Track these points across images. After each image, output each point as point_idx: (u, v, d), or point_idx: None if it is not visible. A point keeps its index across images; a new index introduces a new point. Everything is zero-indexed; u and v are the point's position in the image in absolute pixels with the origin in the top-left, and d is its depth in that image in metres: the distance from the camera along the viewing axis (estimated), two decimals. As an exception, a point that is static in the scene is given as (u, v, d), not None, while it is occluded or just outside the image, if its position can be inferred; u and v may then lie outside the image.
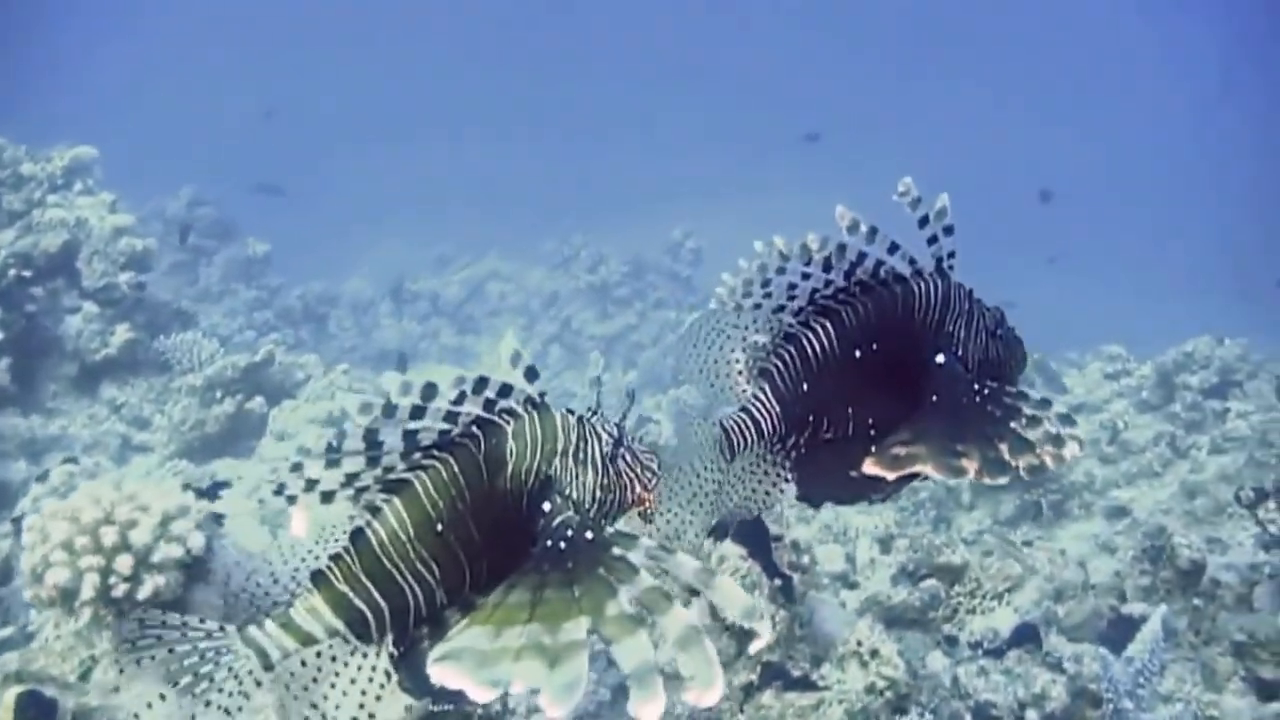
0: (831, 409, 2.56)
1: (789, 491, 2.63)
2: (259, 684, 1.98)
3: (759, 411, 2.57)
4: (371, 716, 2.03)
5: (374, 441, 1.89)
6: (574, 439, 2.06)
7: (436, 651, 1.77)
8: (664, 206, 24.49)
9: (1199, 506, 7.82)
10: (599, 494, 2.08)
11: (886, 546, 6.74)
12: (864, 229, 2.45)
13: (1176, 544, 6.05)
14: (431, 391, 1.89)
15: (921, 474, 2.36)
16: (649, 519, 2.17)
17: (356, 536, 2.00)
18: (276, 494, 1.91)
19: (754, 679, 4.51)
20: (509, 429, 2.01)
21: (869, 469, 2.42)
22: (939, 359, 2.53)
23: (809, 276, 2.49)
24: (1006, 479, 2.28)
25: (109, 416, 8.89)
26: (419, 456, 1.96)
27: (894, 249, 2.49)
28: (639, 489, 2.13)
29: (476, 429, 1.99)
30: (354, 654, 2.04)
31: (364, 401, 1.87)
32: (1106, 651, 5.24)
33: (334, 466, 1.90)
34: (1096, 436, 9.41)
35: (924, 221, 2.48)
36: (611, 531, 1.99)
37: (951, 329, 2.54)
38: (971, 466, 2.29)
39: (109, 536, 3.79)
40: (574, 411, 2.10)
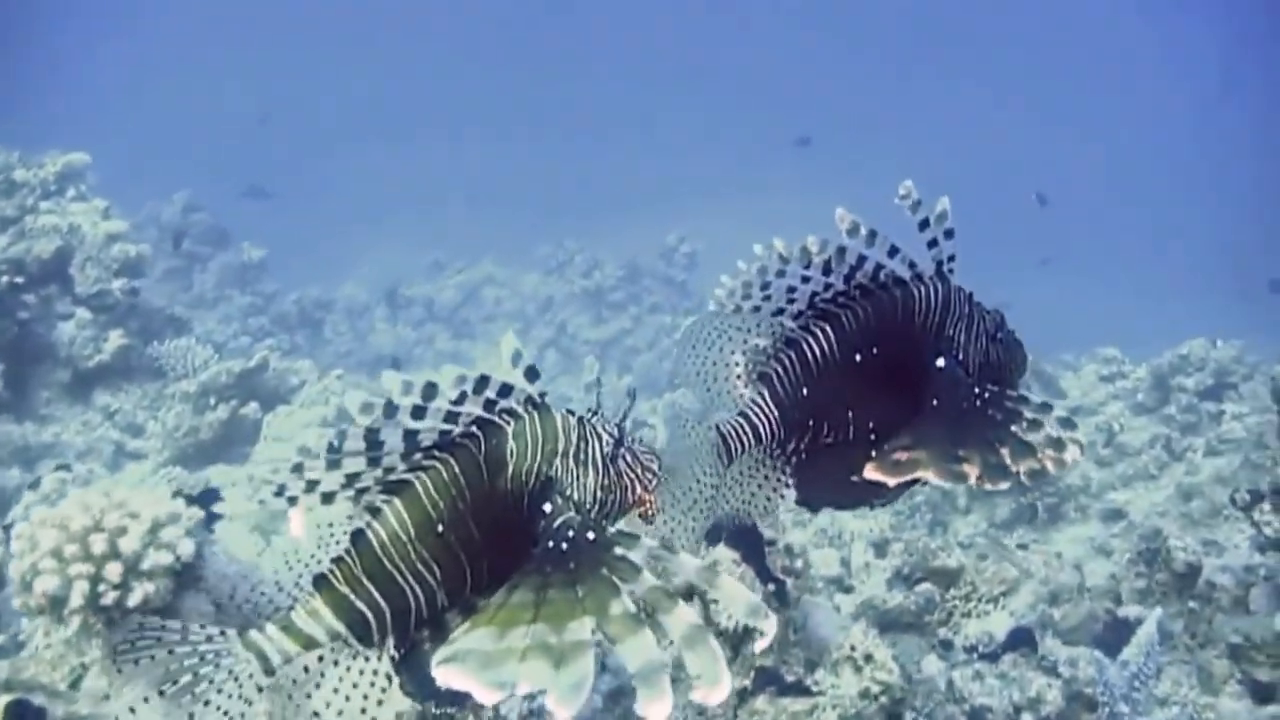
0: (831, 413, 2.55)
1: (789, 496, 2.63)
2: (260, 689, 1.96)
3: (757, 416, 2.55)
4: None
5: (375, 441, 1.88)
6: (575, 439, 2.05)
7: (440, 654, 1.75)
8: (663, 207, 24.52)
9: (1195, 509, 7.82)
10: (600, 495, 2.07)
11: (881, 550, 6.74)
12: (864, 232, 2.44)
13: (1172, 546, 6.06)
14: (432, 391, 1.88)
15: (922, 480, 2.35)
16: (650, 520, 2.16)
17: (357, 538, 1.99)
18: (277, 495, 1.89)
19: (748, 684, 4.49)
20: (509, 429, 2.00)
21: (870, 474, 2.41)
22: (939, 363, 2.52)
23: (808, 280, 2.48)
24: (1007, 484, 2.27)
25: (102, 423, 8.87)
26: (419, 457, 1.95)
27: (894, 252, 2.48)
28: (640, 490, 2.12)
29: (477, 429, 1.98)
30: (355, 658, 2.03)
31: (365, 401, 1.86)
32: (1102, 655, 5.24)
33: (335, 467, 1.89)
34: (1092, 439, 9.41)
35: (924, 224, 2.47)
36: (613, 531, 1.98)
37: (952, 333, 2.53)
38: (972, 472, 2.28)
39: (98, 544, 3.77)
40: (574, 412, 2.09)
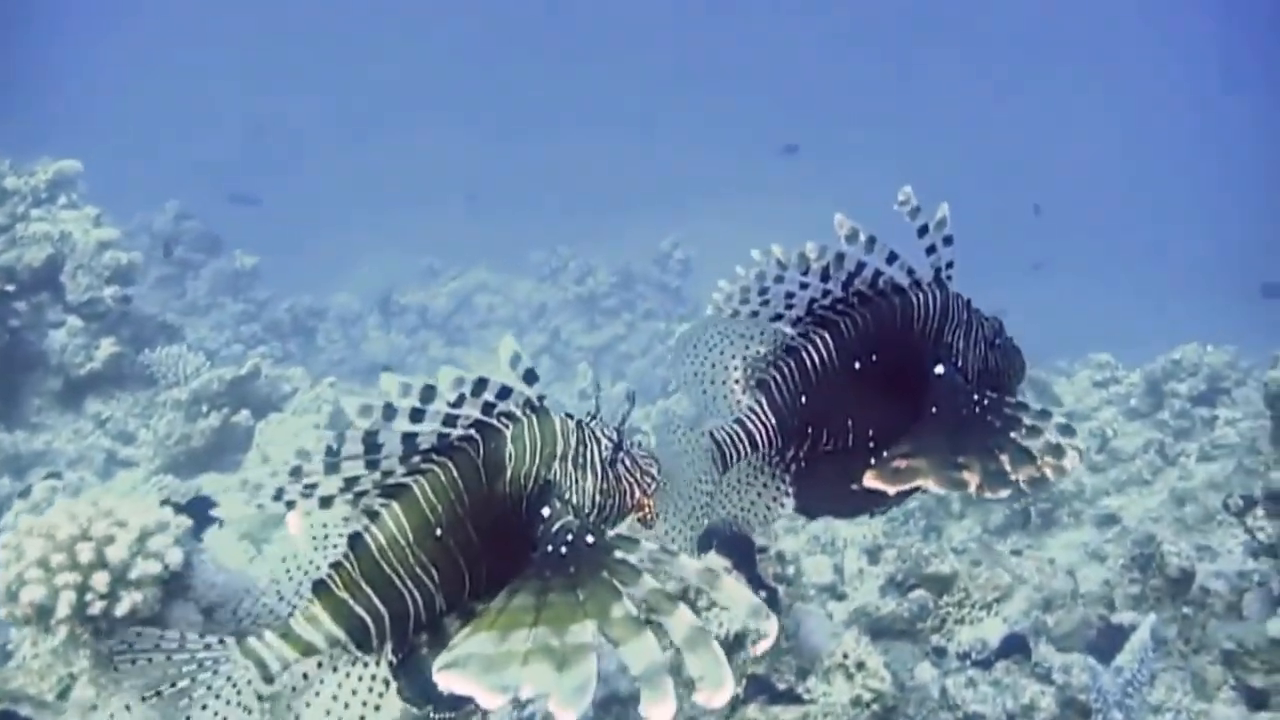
0: (831, 421, 2.54)
1: (789, 505, 2.62)
2: (259, 697, 1.95)
3: (753, 423, 2.54)
4: None
5: (373, 444, 1.87)
6: (573, 443, 2.04)
7: (442, 659, 1.74)
8: (663, 207, 24.45)
9: (1188, 514, 7.82)
10: (598, 499, 2.06)
11: (875, 557, 6.73)
12: (863, 238, 2.44)
13: (1166, 552, 6.06)
14: (430, 394, 1.87)
15: (923, 488, 2.35)
16: (649, 525, 2.15)
17: (355, 542, 1.98)
18: (275, 499, 1.88)
19: (739, 692, 4.47)
20: (508, 432, 1.99)
21: (870, 483, 2.40)
22: (938, 370, 2.52)
23: (807, 286, 2.48)
24: (1008, 492, 2.27)
25: (93, 431, 8.82)
26: (418, 460, 1.94)
27: (892, 258, 2.48)
28: (638, 494, 2.11)
29: (475, 432, 1.97)
30: (354, 664, 2.02)
31: (364, 404, 1.85)
32: (1095, 662, 5.24)
33: (333, 471, 1.88)
34: (1086, 444, 9.42)
35: (923, 231, 2.47)
36: (612, 535, 1.98)
37: (950, 339, 2.53)
38: (973, 480, 2.28)
39: (85, 553, 3.77)
40: (573, 416, 2.08)
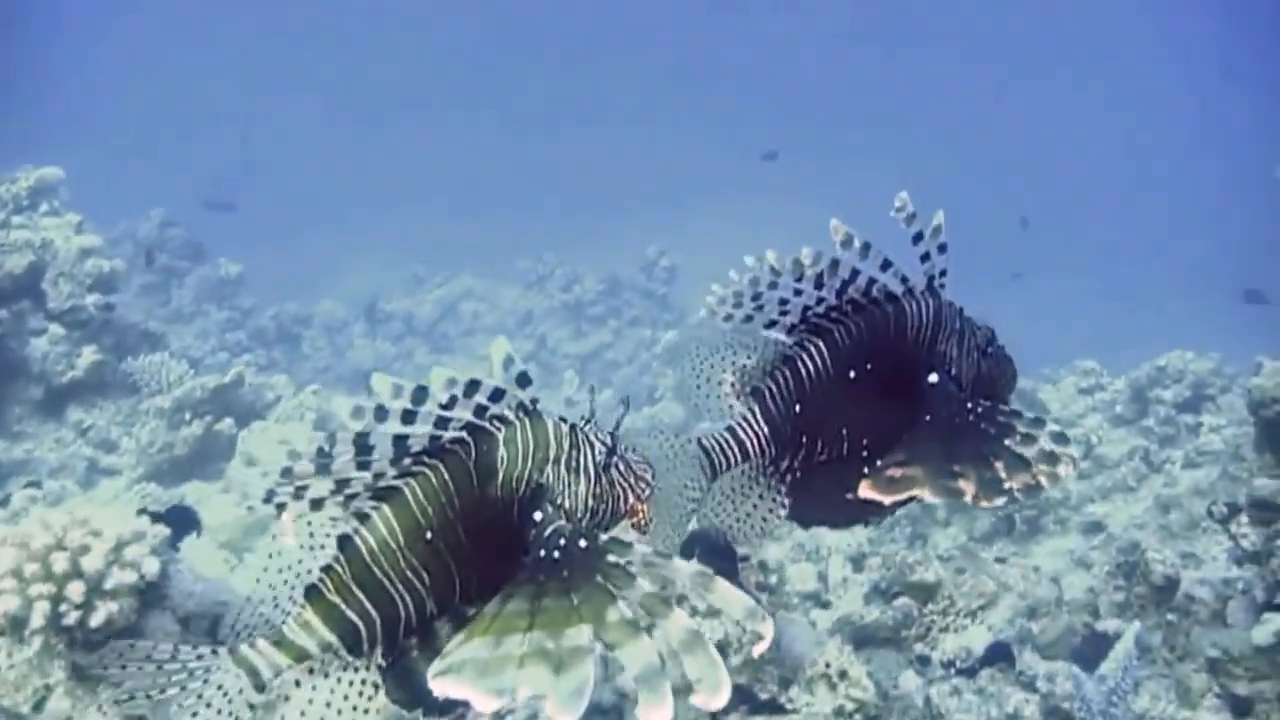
0: (825, 430, 2.53)
1: (784, 515, 2.60)
2: (251, 706, 1.93)
3: (745, 432, 2.53)
4: None
5: (365, 446, 1.85)
6: (566, 447, 2.02)
7: (436, 665, 1.73)
8: (661, 207, 24.43)
9: (1173, 521, 7.83)
10: (591, 503, 2.05)
11: (859, 565, 6.71)
12: (857, 244, 2.43)
13: (1150, 559, 6.08)
14: (422, 395, 1.85)
15: (918, 498, 2.34)
16: (643, 530, 2.14)
17: (345, 544, 1.96)
18: (266, 501, 1.86)
19: (720, 703, 4.46)
20: (500, 436, 1.97)
21: (865, 493, 2.39)
22: (932, 378, 2.51)
23: (801, 293, 2.48)
24: (1003, 501, 2.26)
25: (75, 440, 8.74)
26: (409, 463, 1.93)
27: (887, 266, 2.48)
28: (632, 499, 2.10)
29: (467, 435, 1.95)
30: (345, 669, 2.01)
31: (356, 405, 1.83)
32: (1079, 670, 5.25)
33: (324, 473, 1.86)
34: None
35: (918, 238, 2.47)
36: (605, 539, 1.96)
37: (944, 348, 2.53)
38: (968, 489, 2.28)
39: (60, 563, 3.73)
40: (567, 419, 2.07)
